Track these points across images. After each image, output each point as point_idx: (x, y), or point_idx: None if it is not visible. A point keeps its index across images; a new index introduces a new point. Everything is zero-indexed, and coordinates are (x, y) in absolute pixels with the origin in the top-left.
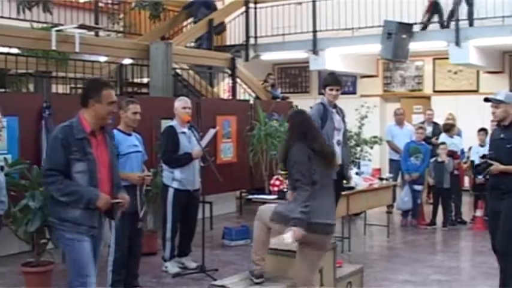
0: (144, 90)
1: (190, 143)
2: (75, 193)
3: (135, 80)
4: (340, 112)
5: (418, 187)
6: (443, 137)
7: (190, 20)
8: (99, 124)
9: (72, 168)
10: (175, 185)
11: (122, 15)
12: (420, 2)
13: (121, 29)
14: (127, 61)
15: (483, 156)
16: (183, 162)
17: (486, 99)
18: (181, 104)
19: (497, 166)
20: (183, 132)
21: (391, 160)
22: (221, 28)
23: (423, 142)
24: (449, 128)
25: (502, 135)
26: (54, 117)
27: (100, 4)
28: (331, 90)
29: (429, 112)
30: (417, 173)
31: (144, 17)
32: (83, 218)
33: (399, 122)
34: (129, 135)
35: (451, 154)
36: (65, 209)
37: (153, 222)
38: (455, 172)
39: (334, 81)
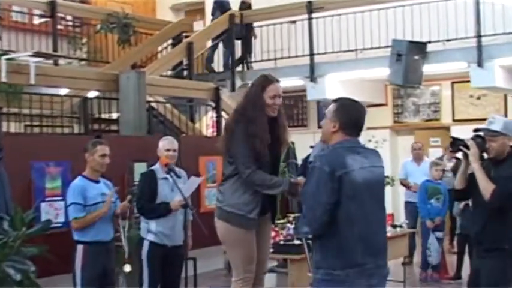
0: (114, 127)
1: (173, 191)
2: None
3: (103, 116)
4: None
5: (439, 234)
6: None
7: (165, 44)
8: None
9: None
10: (150, 237)
11: (85, 40)
12: (434, 17)
13: (84, 56)
14: (92, 94)
15: (476, 130)
16: (160, 213)
17: (477, 130)
18: (165, 145)
19: (474, 155)
20: (165, 178)
21: (406, 203)
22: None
23: (440, 181)
24: None
25: (492, 173)
26: (4, 160)
27: (59, 27)
28: None
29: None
30: (440, 217)
31: (112, 41)
32: None
33: (417, 158)
34: (97, 182)
35: None
36: None
37: (126, 284)
38: None
39: None
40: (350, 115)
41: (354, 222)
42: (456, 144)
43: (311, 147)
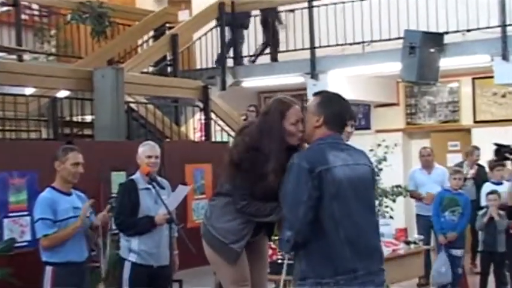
0: (88, 131)
1: (157, 203)
2: None
3: (75, 119)
4: None
5: (457, 252)
6: (488, 185)
7: (146, 36)
8: None
9: None
10: (132, 257)
11: (53, 32)
12: (452, 4)
13: (53, 51)
14: (63, 93)
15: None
16: (142, 229)
17: (500, 147)
18: (145, 151)
19: None
20: (147, 189)
21: (418, 216)
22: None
23: (461, 191)
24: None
25: None
26: None
27: (23, 16)
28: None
29: (478, 153)
30: (454, 232)
31: (85, 33)
32: None
33: (426, 165)
34: (68, 194)
35: (504, 208)
36: None
37: None
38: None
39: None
40: (335, 108)
41: (339, 223)
42: (502, 151)
43: None
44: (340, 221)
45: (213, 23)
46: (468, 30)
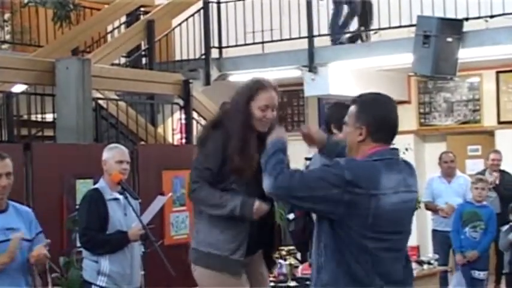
0: (49, 132)
1: (127, 215)
2: None
3: (34, 118)
4: None
5: (479, 274)
6: None
7: (118, 22)
8: None
9: None
10: (102, 282)
11: (7, 16)
12: None
13: (7, 38)
14: (19, 88)
15: None
16: (115, 247)
17: None
18: (115, 155)
19: None
20: (116, 199)
21: (434, 232)
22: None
23: (485, 203)
24: None
25: None
26: None
27: None
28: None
29: (494, 156)
30: (475, 251)
31: (45, 18)
32: None
33: (448, 173)
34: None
35: None
36: None
37: None
38: None
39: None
40: (379, 114)
41: (371, 256)
42: None
43: (307, 159)
44: (374, 254)
45: (195, 7)
46: (492, 16)
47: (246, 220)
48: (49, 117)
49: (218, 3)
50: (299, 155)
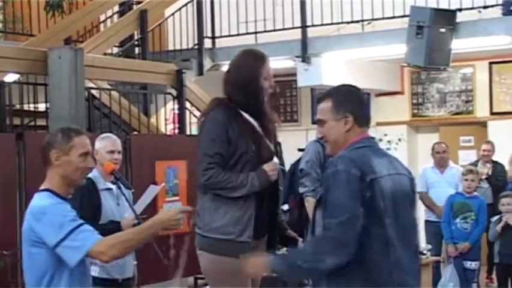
0: (41, 122)
1: (119, 205)
2: None
3: (26, 107)
4: None
5: (471, 264)
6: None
7: (110, 11)
8: None
9: None
10: (93, 272)
11: (0, 4)
12: None
13: None
14: (11, 77)
15: None
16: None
17: None
18: (106, 145)
19: None
20: (109, 189)
21: (427, 222)
22: None
23: (475, 193)
24: None
25: None
26: None
27: None
28: None
29: (486, 147)
30: (466, 242)
31: (38, 6)
32: None
33: (441, 164)
34: None
35: None
36: None
37: None
38: None
39: None
40: (358, 100)
41: (390, 246)
42: None
43: (300, 150)
44: (392, 243)
45: None
46: (485, 7)
47: (266, 189)
48: (41, 106)
49: None
50: (292, 146)
